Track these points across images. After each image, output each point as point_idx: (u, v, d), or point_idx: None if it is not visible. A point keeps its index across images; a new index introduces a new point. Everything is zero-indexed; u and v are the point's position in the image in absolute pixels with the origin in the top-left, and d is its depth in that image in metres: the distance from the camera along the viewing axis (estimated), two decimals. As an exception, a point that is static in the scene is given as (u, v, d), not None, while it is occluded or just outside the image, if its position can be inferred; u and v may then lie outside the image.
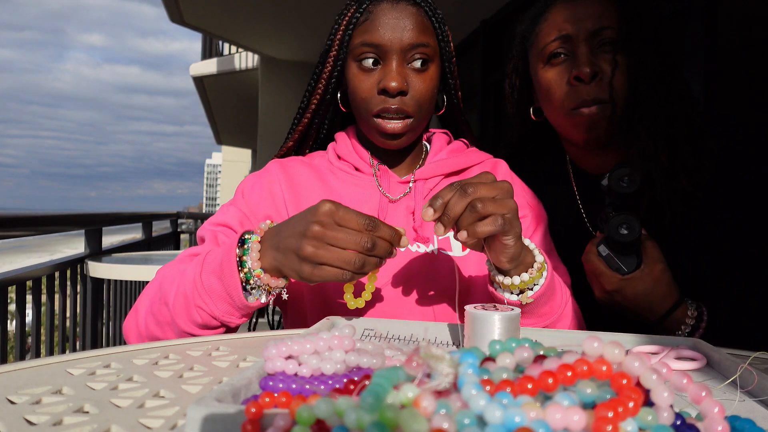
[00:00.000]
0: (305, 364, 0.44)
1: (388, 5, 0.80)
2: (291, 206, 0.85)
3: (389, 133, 0.81)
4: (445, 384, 0.31)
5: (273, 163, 0.91)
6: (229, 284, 0.67)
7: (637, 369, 0.30)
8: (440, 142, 0.93)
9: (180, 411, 0.42)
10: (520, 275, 0.68)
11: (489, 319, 0.56)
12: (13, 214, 1.86)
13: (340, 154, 0.90)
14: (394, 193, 0.87)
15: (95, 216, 2.51)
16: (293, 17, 4.62)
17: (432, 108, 0.86)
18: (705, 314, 0.80)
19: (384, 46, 0.79)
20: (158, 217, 3.90)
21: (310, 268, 0.62)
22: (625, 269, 0.80)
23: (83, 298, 2.35)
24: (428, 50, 0.81)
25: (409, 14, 0.80)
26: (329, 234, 0.61)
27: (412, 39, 0.79)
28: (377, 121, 0.81)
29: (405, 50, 0.80)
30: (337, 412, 0.28)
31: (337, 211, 0.61)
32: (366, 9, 0.82)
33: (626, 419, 0.28)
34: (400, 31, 0.79)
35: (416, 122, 0.82)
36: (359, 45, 0.81)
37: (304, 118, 0.90)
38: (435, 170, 0.88)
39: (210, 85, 7.77)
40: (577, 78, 0.86)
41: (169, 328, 0.72)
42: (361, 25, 0.81)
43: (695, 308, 0.80)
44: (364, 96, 0.81)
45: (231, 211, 0.84)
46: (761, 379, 0.46)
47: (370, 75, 0.81)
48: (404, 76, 0.80)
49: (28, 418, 0.40)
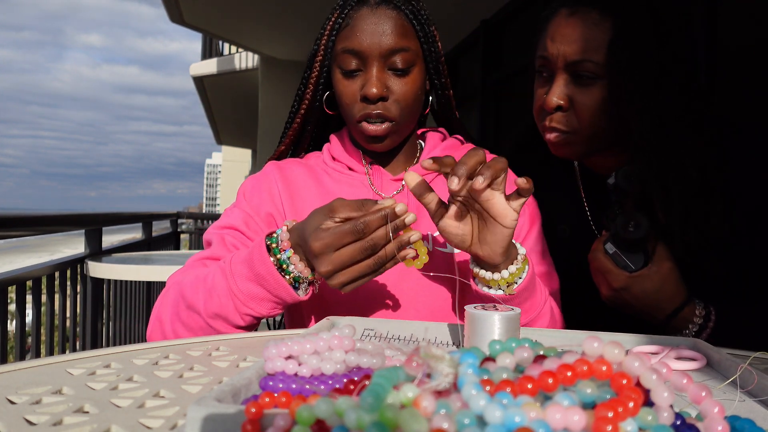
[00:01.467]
0: (305, 364, 0.44)
1: (368, 11, 0.81)
2: (288, 206, 0.87)
3: (371, 136, 0.82)
4: (445, 384, 0.31)
5: (270, 165, 0.92)
6: (275, 287, 0.70)
7: (637, 369, 0.30)
8: (434, 139, 0.94)
9: (180, 411, 0.42)
10: (508, 267, 0.69)
11: (489, 319, 0.56)
12: (13, 214, 1.86)
13: (334, 155, 0.91)
14: (386, 191, 0.88)
15: (95, 216, 2.51)
16: (293, 17, 4.62)
17: (418, 109, 0.86)
18: (713, 314, 0.79)
19: (363, 52, 0.80)
20: (158, 217, 3.91)
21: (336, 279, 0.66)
22: (633, 267, 0.79)
23: (83, 298, 2.35)
24: (408, 54, 0.81)
25: (387, 19, 0.80)
26: (334, 256, 0.64)
27: (391, 44, 0.79)
28: (360, 125, 0.82)
29: (384, 55, 0.80)
30: (337, 412, 0.28)
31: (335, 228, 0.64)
32: (347, 15, 0.82)
33: (626, 419, 0.28)
34: (379, 37, 0.79)
35: (399, 125, 0.83)
36: (341, 51, 0.81)
37: (294, 123, 0.91)
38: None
39: (210, 85, 7.77)
40: (546, 104, 0.87)
41: (203, 332, 0.74)
42: (342, 30, 0.82)
43: (703, 307, 0.80)
44: (347, 102, 0.82)
45: (235, 213, 0.86)
46: (761, 379, 0.46)
47: (352, 81, 0.82)
48: (384, 82, 0.80)
49: (28, 418, 0.40)
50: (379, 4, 0.81)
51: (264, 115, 6.18)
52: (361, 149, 0.91)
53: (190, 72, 7.45)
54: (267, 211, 0.86)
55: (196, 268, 0.80)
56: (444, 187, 0.89)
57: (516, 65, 3.64)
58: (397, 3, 0.81)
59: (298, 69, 5.98)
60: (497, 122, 4.07)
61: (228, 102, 8.79)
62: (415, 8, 0.83)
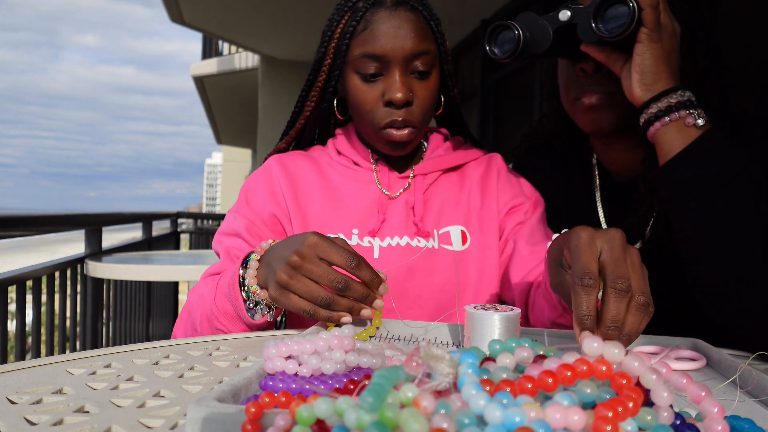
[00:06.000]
0: (305, 364, 0.44)
1: (386, 13, 0.78)
2: (291, 202, 0.85)
3: (397, 142, 0.81)
4: (445, 384, 0.31)
5: (271, 159, 0.90)
6: (236, 305, 0.68)
7: (636, 369, 0.30)
8: (437, 139, 0.93)
9: (180, 411, 0.42)
10: None
11: (489, 319, 0.56)
12: (13, 214, 1.86)
13: (339, 149, 0.90)
14: (393, 188, 0.87)
15: (95, 216, 2.50)
16: (293, 17, 4.62)
17: (433, 112, 0.86)
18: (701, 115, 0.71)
19: (386, 56, 0.77)
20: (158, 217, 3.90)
21: (278, 293, 0.63)
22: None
23: (83, 298, 2.34)
24: (429, 57, 0.80)
25: (408, 20, 0.78)
26: (305, 266, 0.62)
27: (414, 47, 0.78)
28: (385, 132, 0.80)
29: (407, 59, 0.78)
30: (337, 412, 0.28)
31: (321, 245, 0.62)
32: (363, 17, 0.79)
33: (626, 419, 0.28)
34: (402, 40, 0.77)
35: (420, 130, 0.82)
36: (360, 56, 0.79)
37: (297, 123, 0.90)
38: (434, 166, 0.88)
39: (210, 85, 7.77)
40: (582, 69, 0.84)
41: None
42: (359, 34, 0.79)
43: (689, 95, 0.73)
44: (368, 108, 0.80)
45: (238, 219, 0.85)
46: (761, 379, 0.46)
47: (373, 86, 0.80)
48: (408, 86, 0.79)
49: (28, 418, 0.40)
50: (397, 6, 0.79)
51: (264, 115, 6.18)
52: (369, 146, 0.90)
53: (190, 72, 7.45)
54: (270, 212, 0.85)
55: (207, 284, 0.80)
56: (444, 187, 0.89)
57: (515, 65, 3.64)
58: (414, 4, 0.80)
59: (298, 69, 5.98)
60: (497, 122, 4.07)
61: (228, 102, 8.80)
62: (429, 9, 0.82)
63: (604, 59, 0.76)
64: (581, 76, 0.85)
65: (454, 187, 0.89)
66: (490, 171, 0.91)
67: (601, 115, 0.85)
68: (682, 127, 0.71)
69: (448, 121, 0.96)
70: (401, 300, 0.82)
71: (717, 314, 0.71)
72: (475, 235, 0.86)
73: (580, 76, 0.85)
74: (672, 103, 0.71)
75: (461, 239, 0.85)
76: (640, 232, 0.88)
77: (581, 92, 0.85)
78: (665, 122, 0.71)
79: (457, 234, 0.85)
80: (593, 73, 0.83)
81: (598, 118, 0.86)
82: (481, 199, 0.89)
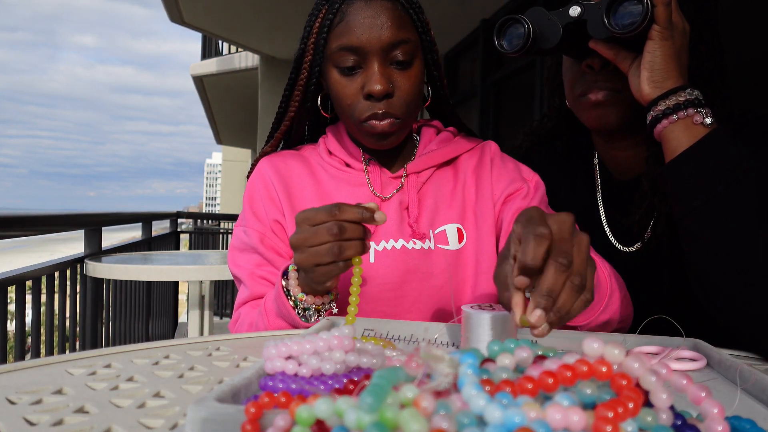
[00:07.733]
0: (305, 364, 0.44)
1: (362, 3, 0.76)
2: (285, 205, 0.85)
3: (379, 134, 0.79)
4: (445, 384, 0.31)
5: (263, 162, 0.89)
6: (291, 319, 0.72)
7: (636, 370, 0.30)
8: (429, 133, 0.91)
9: (180, 411, 0.42)
10: None
11: (481, 318, 0.56)
12: (13, 214, 1.85)
13: (331, 149, 0.89)
14: (386, 189, 0.86)
15: (95, 216, 2.50)
16: (293, 16, 4.62)
17: (419, 103, 0.84)
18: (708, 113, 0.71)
19: (363, 47, 0.76)
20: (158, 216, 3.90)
21: (307, 276, 0.67)
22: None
23: (83, 298, 2.34)
24: (409, 46, 0.78)
25: (384, 10, 0.76)
26: (305, 240, 0.64)
27: (392, 37, 0.75)
28: (367, 124, 0.79)
29: (385, 49, 0.76)
30: (337, 412, 0.28)
31: (306, 217, 0.65)
32: (339, 9, 0.77)
33: (626, 420, 0.28)
34: (378, 30, 0.75)
35: (404, 121, 0.80)
36: (337, 49, 0.77)
37: (282, 125, 0.88)
38: (426, 162, 0.87)
39: (210, 85, 7.77)
40: (589, 66, 0.84)
41: None
42: (335, 27, 0.77)
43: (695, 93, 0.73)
44: (349, 102, 0.79)
45: (249, 234, 0.85)
46: (761, 379, 0.46)
47: (352, 80, 0.78)
48: (388, 77, 0.77)
49: (28, 418, 0.40)
50: None
51: (264, 115, 6.18)
52: (360, 145, 0.88)
53: (189, 71, 7.45)
54: (273, 219, 0.85)
55: (250, 314, 0.82)
56: (438, 184, 0.88)
57: (516, 65, 3.64)
58: None
59: (298, 69, 5.98)
60: (497, 122, 4.07)
61: (228, 102, 8.80)
62: None
63: (612, 56, 0.76)
64: (588, 72, 0.84)
65: (448, 183, 0.88)
66: (484, 160, 0.90)
67: (607, 111, 0.85)
68: (689, 125, 0.71)
69: (440, 113, 0.94)
70: (400, 303, 0.81)
71: (720, 313, 0.71)
72: (471, 232, 0.85)
73: (587, 72, 0.85)
74: (680, 101, 0.71)
75: (457, 237, 0.84)
76: (640, 231, 0.88)
77: (587, 88, 0.85)
78: (673, 120, 0.71)
79: (453, 232, 0.84)
80: (600, 70, 0.83)
81: (603, 115, 0.85)
82: (475, 192, 0.87)
